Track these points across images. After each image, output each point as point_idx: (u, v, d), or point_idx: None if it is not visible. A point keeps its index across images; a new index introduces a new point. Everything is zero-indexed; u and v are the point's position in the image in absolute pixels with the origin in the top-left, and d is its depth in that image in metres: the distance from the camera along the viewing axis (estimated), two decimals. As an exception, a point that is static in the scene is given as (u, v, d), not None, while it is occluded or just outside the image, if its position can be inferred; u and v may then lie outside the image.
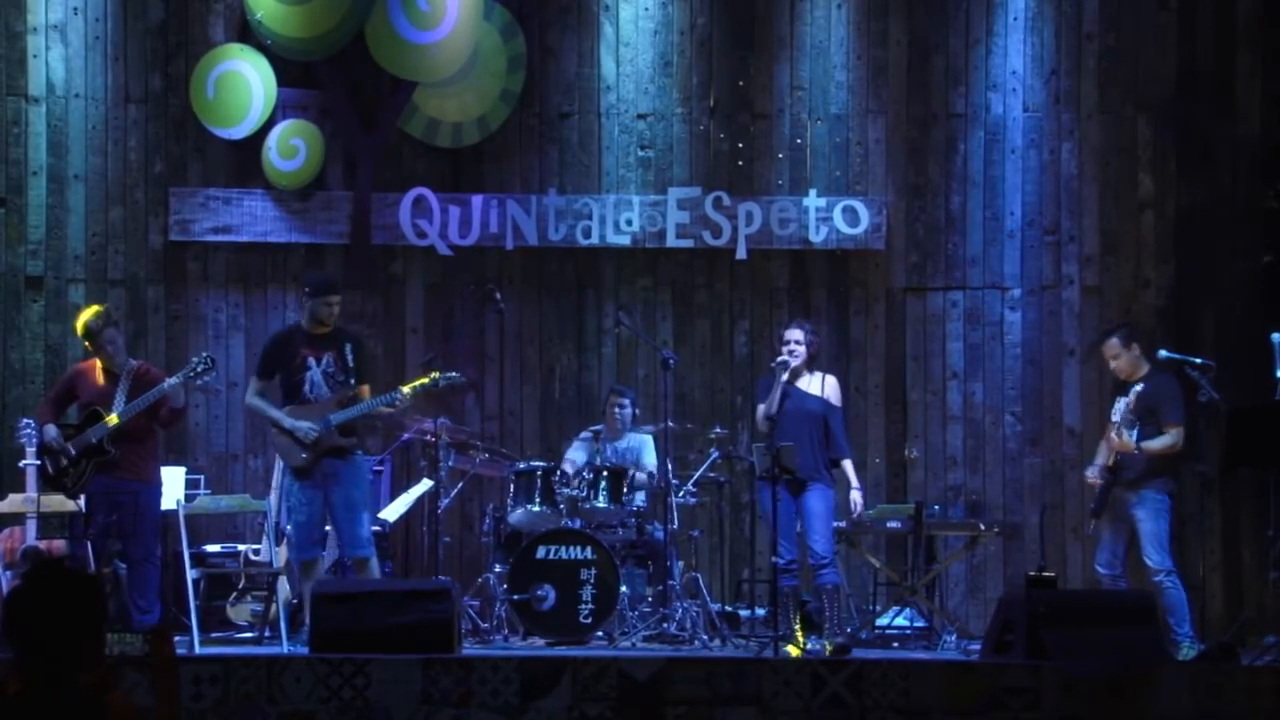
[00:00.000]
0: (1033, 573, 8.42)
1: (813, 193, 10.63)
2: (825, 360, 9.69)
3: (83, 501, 8.55)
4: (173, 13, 10.60)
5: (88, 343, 8.72)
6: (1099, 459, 8.84)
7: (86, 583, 3.81)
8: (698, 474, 9.50)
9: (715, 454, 9.57)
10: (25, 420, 8.90)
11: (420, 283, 10.68)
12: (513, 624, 9.00)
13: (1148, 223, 10.65)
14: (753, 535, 10.21)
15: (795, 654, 8.14)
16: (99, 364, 8.66)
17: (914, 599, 9.42)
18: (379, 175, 10.59)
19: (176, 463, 9.85)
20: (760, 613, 9.43)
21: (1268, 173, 10.59)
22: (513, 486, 9.18)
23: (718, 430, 9.74)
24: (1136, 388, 8.69)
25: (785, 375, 8.81)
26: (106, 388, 8.56)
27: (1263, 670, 7.21)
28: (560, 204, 10.61)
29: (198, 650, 8.06)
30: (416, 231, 10.53)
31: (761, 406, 8.90)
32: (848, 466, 9.04)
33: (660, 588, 8.99)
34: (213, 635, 9.02)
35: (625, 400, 9.73)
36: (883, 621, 9.60)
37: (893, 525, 9.42)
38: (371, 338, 10.53)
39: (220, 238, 10.53)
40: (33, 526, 8.69)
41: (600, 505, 9.11)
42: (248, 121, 10.47)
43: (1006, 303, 10.70)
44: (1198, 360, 8.73)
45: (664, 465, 9.15)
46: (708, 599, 9.22)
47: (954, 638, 8.94)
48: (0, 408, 10.25)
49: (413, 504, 9.62)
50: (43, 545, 8.66)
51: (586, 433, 9.84)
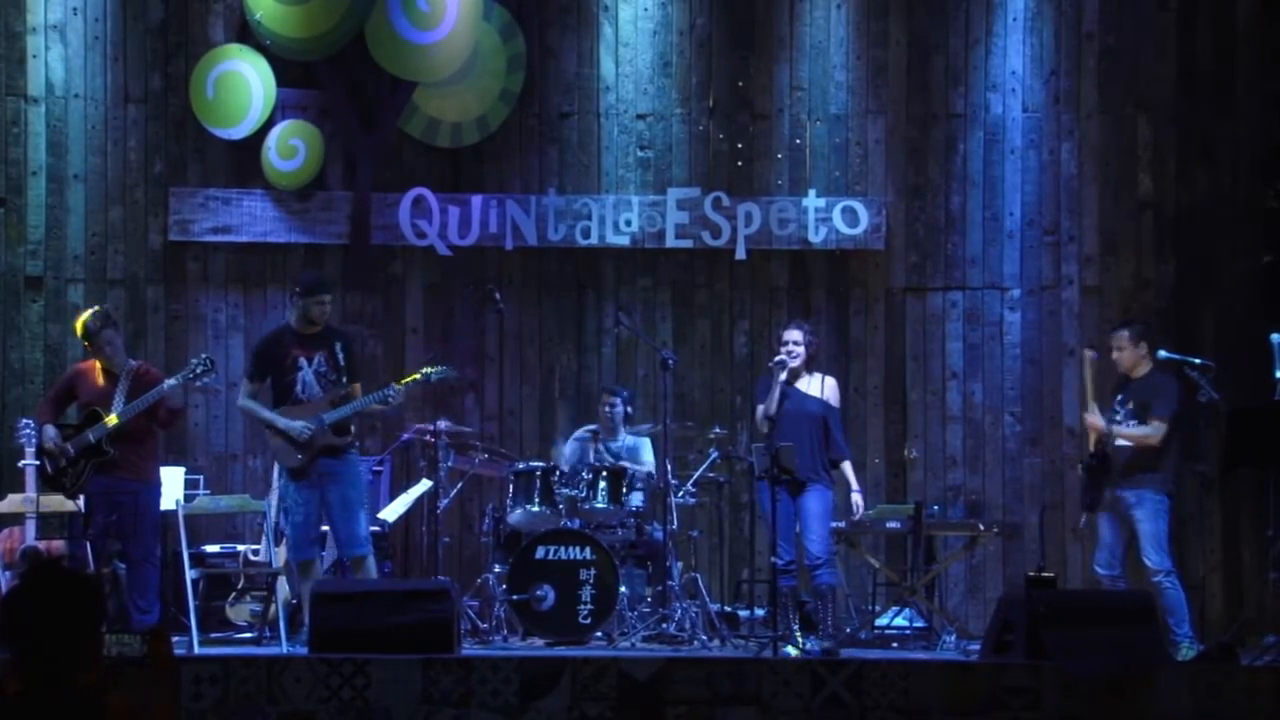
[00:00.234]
0: (1032, 573, 8.42)
1: (812, 193, 10.63)
2: (825, 361, 9.69)
3: (82, 502, 8.54)
4: (172, 13, 10.60)
5: (86, 343, 8.72)
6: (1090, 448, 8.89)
7: (84, 583, 3.81)
8: (697, 474, 9.50)
9: (714, 454, 9.57)
10: (24, 420, 8.89)
11: (420, 283, 10.68)
12: (512, 624, 8.99)
13: (1148, 223, 10.64)
14: (752, 535, 10.21)
15: (795, 654, 8.13)
16: (98, 364, 8.65)
17: (914, 599, 9.42)
18: (379, 175, 10.59)
19: (176, 463, 9.85)
20: (759, 613, 9.43)
21: (1268, 173, 10.58)
22: (512, 487, 9.18)
23: (717, 430, 9.74)
24: (1128, 395, 8.72)
25: (783, 375, 8.81)
26: (106, 388, 8.55)
27: (1263, 670, 7.20)
28: (560, 204, 10.61)
29: (197, 650, 8.07)
30: (416, 232, 10.53)
31: (761, 407, 8.91)
32: (847, 468, 9.04)
33: (660, 588, 8.98)
34: (212, 635, 9.02)
35: (616, 400, 9.72)
36: (882, 622, 9.59)
37: (892, 525, 9.42)
38: (371, 338, 10.54)
39: (220, 238, 10.53)
40: (32, 527, 8.69)
41: (599, 505, 9.11)
42: (247, 122, 10.47)
43: (1006, 303, 10.69)
44: (1197, 360, 8.73)
45: (663, 465, 9.15)
46: (707, 599, 9.21)
47: (954, 638, 8.94)
48: (0, 408, 10.25)
49: (412, 504, 9.62)
50: (42, 545, 8.66)
51: (583, 431, 9.84)
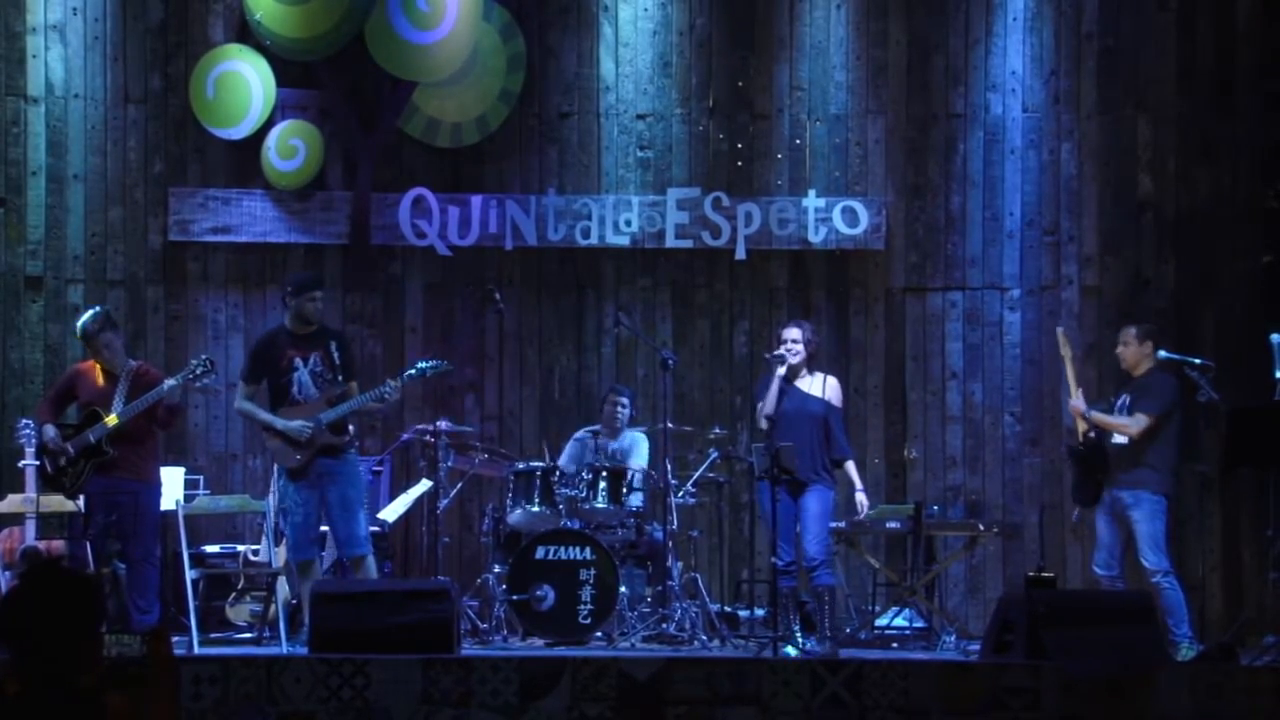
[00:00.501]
0: (1032, 573, 8.43)
1: (812, 193, 10.63)
2: (825, 360, 9.68)
3: (82, 502, 8.54)
4: (172, 13, 10.60)
5: (86, 345, 8.72)
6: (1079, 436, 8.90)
7: (84, 583, 3.81)
8: (697, 474, 9.50)
9: (714, 454, 9.57)
10: (24, 420, 8.90)
11: (420, 283, 10.68)
12: (512, 624, 8.99)
13: (1148, 223, 10.64)
14: (752, 535, 10.21)
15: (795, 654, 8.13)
16: (98, 364, 8.66)
17: (913, 599, 9.42)
18: (378, 175, 10.59)
19: (176, 463, 9.85)
20: (759, 613, 9.43)
21: (1268, 173, 10.58)
22: (512, 487, 9.17)
23: (717, 431, 9.75)
24: (1127, 396, 8.73)
25: (783, 370, 8.76)
26: (106, 388, 8.55)
27: (1262, 670, 7.20)
28: (560, 204, 10.61)
29: (197, 650, 8.06)
30: (416, 232, 10.53)
31: (761, 404, 8.86)
32: (850, 468, 9.00)
33: (659, 588, 8.98)
34: (212, 635, 9.02)
35: (624, 400, 9.74)
36: (882, 622, 9.60)
37: (892, 525, 9.42)
38: (371, 338, 10.54)
39: (220, 238, 10.53)
40: (32, 527, 8.69)
41: (599, 505, 9.10)
42: (247, 122, 10.47)
43: (1006, 303, 10.69)
44: (1197, 360, 8.73)
45: (663, 465, 9.14)
46: (707, 599, 9.21)
47: (953, 638, 8.94)
48: (0, 408, 10.25)
49: (412, 504, 9.62)
50: (42, 545, 8.66)
51: (583, 432, 9.84)
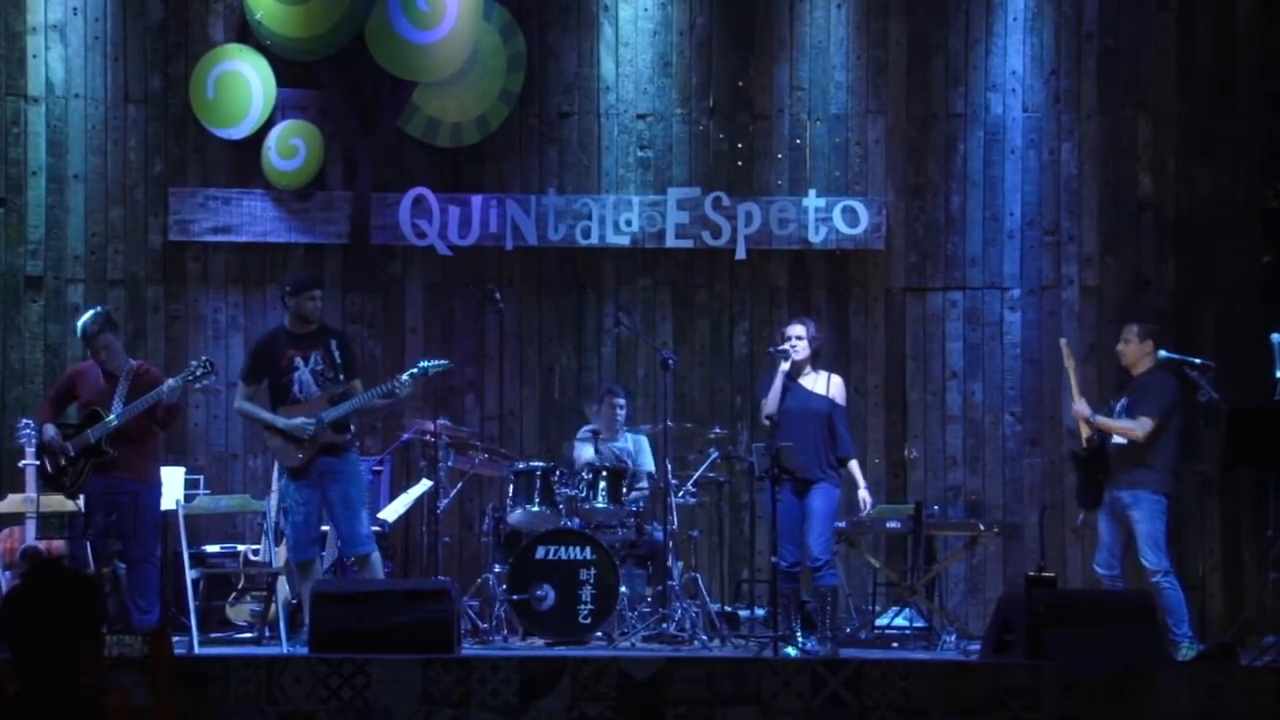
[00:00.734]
0: (1032, 573, 8.44)
1: (812, 193, 10.63)
2: (826, 360, 9.68)
3: (82, 502, 8.54)
4: (173, 13, 10.61)
5: (86, 345, 8.72)
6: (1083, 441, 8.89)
7: (84, 583, 3.81)
8: (697, 474, 9.51)
9: (715, 454, 9.57)
10: (24, 420, 8.90)
11: (420, 283, 10.68)
12: (512, 624, 8.99)
13: (1148, 223, 10.65)
14: (752, 535, 10.22)
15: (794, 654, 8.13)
16: (98, 364, 8.65)
17: (914, 599, 9.42)
18: (379, 175, 10.59)
19: (176, 463, 9.86)
20: (760, 613, 9.43)
21: (1268, 173, 10.59)
22: (512, 486, 9.18)
23: (717, 430, 9.75)
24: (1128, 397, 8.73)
25: (786, 366, 8.72)
26: (106, 388, 8.55)
27: (1263, 670, 7.20)
28: (560, 204, 10.61)
29: (197, 650, 8.06)
30: (416, 231, 10.53)
31: (764, 401, 8.82)
32: (854, 466, 8.96)
33: (660, 588, 8.98)
34: (212, 635, 9.02)
35: (622, 400, 9.76)
36: (882, 621, 9.60)
37: (892, 525, 9.42)
38: (371, 338, 10.54)
39: (220, 238, 10.53)
40: (32, 526, 8.69)
41: (599, 505, 9.11)
42: (247, 121, 10.47)
43: (1006, 303, 10.70)
44: (1197, 360, 8.73)
45: (663, 465, 9.15)
46: (707, 599, 9.22)
47: (954, 638, 8.94)
48: (0, 408, 10.26)
49: (412, 504, 9.62)
50: (42, 545, 8.66)
51: (585, 432, 9.84)
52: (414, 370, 8.62)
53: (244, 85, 10.47)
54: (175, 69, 10.59)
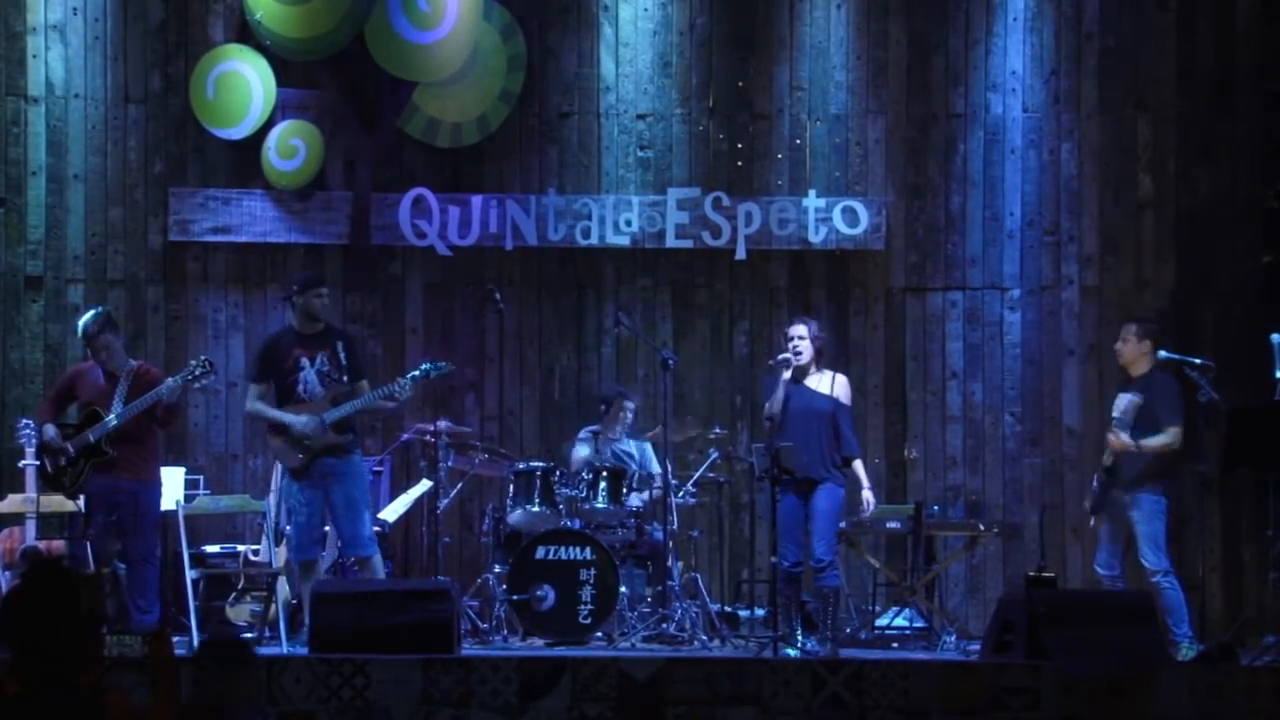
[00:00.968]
0: (1032, 573, 8.43)
1: (812, 193, 10.62)
2: (827, 360, 9.67)
3: (82, 502, 8.54)
4: (173, 13, 10.60)
5: (86, 345, 8.73)
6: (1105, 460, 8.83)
7: (85, 583, 3.81)
8: (697, 474, 9.51)
9: (715, 454, 9.57)
10: (24, 420, 8.91)
11: (420, 283, 10.68)
12: (512, 624, 8.99)
13: (1148, 223, 10.65)
14: (752, 535, 10.22)
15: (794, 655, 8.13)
16: (99, 364, 8.65)
17: (914, 599, 9.42)
18: (378, 175, 10.59)
19: (176, 463, 9.85)
20: (760, 613, 9.42)
21: (1268, 173, 10.59)
22: (512, 487, 9.18)
23: (717, 430, 9.74)
24: (1132, 396, 8.69)
25: (787, 374, 8.74)
26: (106, 388, 8.55)
27: (1263, 670, 7.21)
28: (560, 204, 10.61)
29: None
30: (416, 232, 10.53)
31: (767, 405, 8.81)
32: (858, 466, 8.93)
33: (660, 588, 8.98)
34: (212, 635, 9.02)
35: (631, 404, 9.76)
36: (882, 622, 9.59)
37: (892, 525, 9.42)
38: (371, 338, 10.54)
39: (220, 238, 10.53)
40: (32, 526, 8.70)
41: (599, 505, 9.10)
42: (247, 122, 10.47)
43: (1006, 303, 10.69)
44: (1197, 360, 8.73)
45: (664, 466, 9.15)
46: (707, 599, 9.22)
47: (954, 638, 8.93)
48: (0, 408, 10.26)
49: (412, 504, 9.63)
50: (42, 545, 8.66)
51: (586, 432, 9.84)
52: (415, 373, 8.63)
53: (244, 85, 10.46)
54: (175, 69, 10.59)
